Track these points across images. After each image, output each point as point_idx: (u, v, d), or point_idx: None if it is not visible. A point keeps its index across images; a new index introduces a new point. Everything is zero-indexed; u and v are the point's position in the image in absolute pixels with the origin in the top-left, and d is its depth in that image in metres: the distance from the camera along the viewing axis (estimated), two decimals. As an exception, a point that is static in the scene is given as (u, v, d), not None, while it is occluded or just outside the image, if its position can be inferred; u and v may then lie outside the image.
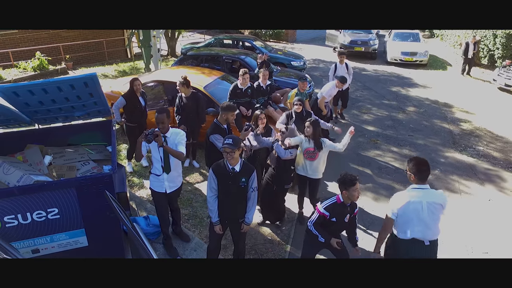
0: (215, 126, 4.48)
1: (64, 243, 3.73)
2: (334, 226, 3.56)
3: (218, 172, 3.53)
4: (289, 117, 5.49)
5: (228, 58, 9.42)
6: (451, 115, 9.62)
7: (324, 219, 3.52)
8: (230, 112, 4.46)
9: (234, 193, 3.55)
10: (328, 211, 3.49)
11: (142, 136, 3.78)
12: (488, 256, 4.68)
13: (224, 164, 3.53)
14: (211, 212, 3.64)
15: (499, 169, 6.90)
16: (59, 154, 4.37)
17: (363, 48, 15.18)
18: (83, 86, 3.76)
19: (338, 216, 3.51)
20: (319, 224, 3.56)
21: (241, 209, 3.67)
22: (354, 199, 3.46)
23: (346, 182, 3.39)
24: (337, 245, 3.52)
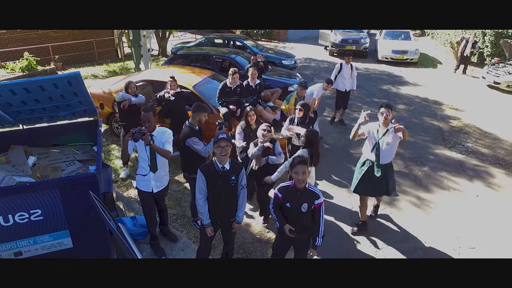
0: (189, 129, 4.28)
1: (48, 245, 3.67)
2: (292, 214, 3.35)
3: (207, 173, 3.43)
4: (292, 122, 5.44)
5: (218, 57, 9.38)
6: (441, 112, 9.68)
7: (279, 202, 3.39)
8: (202, 113, 4.33)
9: (225, 192, 3.50)
10: (281, 193, 3.36)
11: (128, 134, 3.74)
12: (475, 251, 4.71)
13: (213, 164, 3.45)
14: (202, 214, 3.54)
15: (487, 165, 6.96)
16: (43, 154, 4.31)
17: (354, 47, 15.23)
18: (67, 85, 3.71)
19: (292, 202, 3.32)
20: (278, 208, 3.44)
21: (232, 208, 3.62)
22: (296, 183, 3.26)
23: (291, 163, 3.30)
24: (289, 232, 3.32)
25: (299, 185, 3.26)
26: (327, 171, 6.35)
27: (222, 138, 3.38)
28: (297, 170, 3.21)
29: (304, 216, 3.36)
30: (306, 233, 3.44)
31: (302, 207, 3.31)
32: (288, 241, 3.56)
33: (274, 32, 19.69)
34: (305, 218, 3.37)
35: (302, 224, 3.38)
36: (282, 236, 3.47)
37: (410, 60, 14.53)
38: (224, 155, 3.38)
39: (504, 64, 11.99)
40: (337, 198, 5.75)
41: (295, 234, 3.35)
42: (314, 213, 3.36)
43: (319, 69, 13.46)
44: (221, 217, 3.62)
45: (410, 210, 5.53)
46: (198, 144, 4.21)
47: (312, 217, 3.40)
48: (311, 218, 3.40)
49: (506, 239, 4.94)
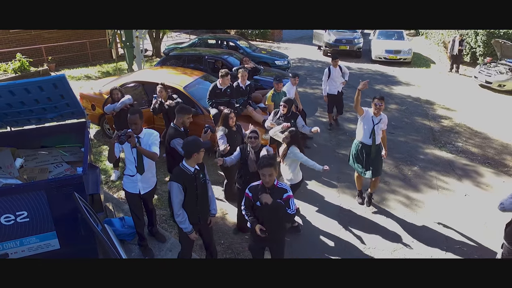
0: (174, 130, 4.33)
1: (35, 246, 3.70)
2: (262, 212, 3.35)
3: (183, 181, 3.43)
4: (276, 115, 5.59)
5: (211, 58, 9.41)
6: (432, 112, 9.75)
7: (250, 202, 3.41)
8: (186, 115, 4.39)
9: (200, 193, 3.55)
10: (251, 192, 3.41)
11: (114, 137, 3.76)
12: (461, 250, 4.76)
13: (183, 169, 3.47)
14: (183, 223, 3.52)
15: (477, 164, 7.02)
16: (31, 156, 4.33)
17: (348, 47, 15.29)
18: (52, 88, 3.73)
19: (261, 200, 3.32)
20: (249, 208, 3.46)
21: (208, 204, 3.71)
22: (264, 183, 3.30)
23: (259, 163, 3.34)
24: (260, 232, 3.34)
25: (266, 185, 3.33)
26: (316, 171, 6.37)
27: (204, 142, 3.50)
28: (264, 172, 3.26)
29: (273, 214, 3.34)
30: (278, 233, 3.46)
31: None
32: (261, 242, 3.56)
33: (268, 32, 19.73)
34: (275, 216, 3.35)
35: (272, 223, 3.39)
36: (255, 237, 3.51)
37: (403, 60, 14.59)
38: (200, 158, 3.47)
39: (496, 63, 12.07)
40: (326, 198, 5.79)
41: (266, 234, 3.37)
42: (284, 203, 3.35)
43: (313, 69, 13.50)
44: (201, 217, 3.66)
45: (399, 210, 5.57)
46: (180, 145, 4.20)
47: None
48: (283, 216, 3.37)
49: (492, 238, 4.99)
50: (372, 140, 5.05)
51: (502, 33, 12.98)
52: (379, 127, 5.03)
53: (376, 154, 5.15)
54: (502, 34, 12.95)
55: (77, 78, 11.82)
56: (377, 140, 5.09)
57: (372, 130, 5.01)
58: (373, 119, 4.99)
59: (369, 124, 5.01)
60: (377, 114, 4.98)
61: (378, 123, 5.02)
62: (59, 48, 13.23)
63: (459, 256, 4.65)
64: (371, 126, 5.00)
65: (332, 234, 4.99)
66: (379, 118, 5.01)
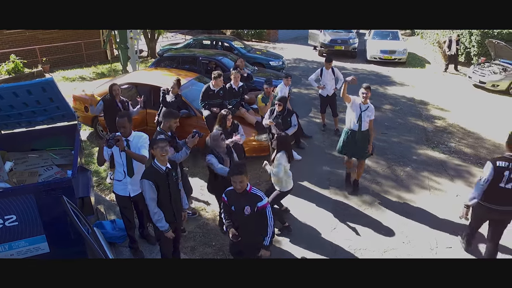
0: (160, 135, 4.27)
1: (24, 250, 3.70)
2: (236, 217, 3.42)
3: (154, 179, 3.45)
4: (272, 113, 5.83)
5: (205, 59, 9.41)
6: (426, 112, 9.78)
7: (226, 205, 3.47)
8: (173, 119, 4.39)
9: (173, 191, 3.61)
10: (226, 196, 3.47)
11: (103, 140, 3.76)
12: (451, 250, 4.79)
13: (155, 168, 3.51)
14: (160, 221, 3.55)
15: (469, 164, 7.05)
16: (21, 160, 4.33)
17: (343, 47, 15.31)
18: (41, 91, 3.73)
19: (236, 205, 3.39)
20: (227, 212, 3.51)
21: (180, 201, 3.78)
22: (236, 189, 3.32)
23: (229, 171, 3.40)
24: (232, 237, 3.43)
25: (238, 192, 3.34)
26: (309, 172, 6.41)
27: (160, 139, 3.51)
28: (235, 180, 3.28)
29: (248, 220, 3.38)
30: (252, 238, 3.46)
31: (245, 210, 3.35)
32: (236, 245, 3.62)
33: (264, 33, 19.73)
34: (249, 221, 3.39)
35: (246, 228, 3.42)
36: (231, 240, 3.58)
37: (398, 60, 14.63)
38: (164, 155, 3.48)
39: (489, 63, 12.13)
40: (318, 198, 5.81)
41: (238, 238, 3.42)
42: (261, 215, 3.38)
43: (308, 70, 13.51)
44: (176, 214, 3.71)
45: (391, 210, 5.59)
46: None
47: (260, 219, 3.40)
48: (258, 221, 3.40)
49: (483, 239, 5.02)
50: (358, 125, 5.49)
51: (496, 33, 13.04)
52: (366, 114, 5.47)
53: (362, 140, 5.57)
54: (496, 34, 13.01)
55: (71, 79, 11.80)
56: (363, 127, 5.50)
57: (359, 116, 5.46)
58: (361, 106, 5.45)
59: (357, 110, 5.47)
60: (364, 102, 5.44)
61: (365, 110, 5.46)
62: (53, 49, 13.19)
63: (449, 256, 4.68)
64: (358, 112, 5.47)
65: (324, 235, 5.01)
66: (366, 106, 5.47)
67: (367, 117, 5.48)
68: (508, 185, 3.90)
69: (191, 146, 4.27)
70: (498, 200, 3.99)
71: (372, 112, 5.54)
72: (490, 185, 3.97)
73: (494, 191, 3.96)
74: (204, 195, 5.65)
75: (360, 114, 5.46)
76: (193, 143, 4.25)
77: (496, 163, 3.94)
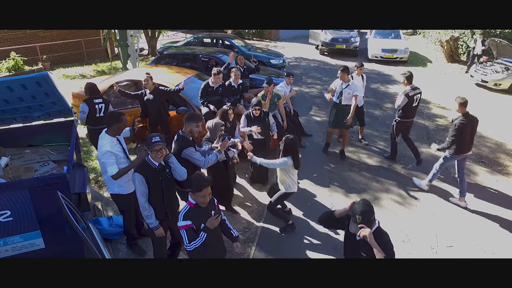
0: (184, 139, 4.02)
1: (19, 246, 3.65)
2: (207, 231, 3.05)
3: (146, 173, 3.40)
4: (249, 118, 5.50)
5: (205, 57, 9.37)
6: (427, 111, 9.71)
7: (193, 231, 3.01)
8: (193, 123, 4.00)
9: (166, 187, 3.56)
10: (189, 220, 3.02)
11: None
12: (452, 249, 4.73)
13: (148, 163, 3.46)
14: (149, 217, 3.49)
15: (471, 163, 6.97)
16: (17, 155, 4.29)
17: (345, 46, 15.25)
18: (36, 86, 3.69)
19: (204, 219, 3.04)
20: (191, 239, 3.01)
21: (175, 198, 3.72)
22: (202, 204, 3.05)
23: (192, 185, 3.03)
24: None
25: (202, 205, 3.09)
26: (309, 170, 6.35)
27: (156, 142, 3.36)
28: (203, 194, 2.99)
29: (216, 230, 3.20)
30: (220, 238, 3.40)
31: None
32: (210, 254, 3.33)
33: (265, 32, 19.68)
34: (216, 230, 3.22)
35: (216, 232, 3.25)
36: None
37: (400, 59, 14.56)
38: (160, 157, 3.42)
39: (492, 62, 12.05)
40: (318, 197, 5.76)
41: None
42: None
43: (309, 68, 13.47)
44: (169, 212, 3.65)
45: (392, 209, 5.54)
46: (195, 154, 4.00)
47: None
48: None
49: (484, 238, 4.97)
50: (339, 100, 6.38)
51: (498, 32, 12.95)
52: (346, 92, 6.28)
53: (342, 112, 6.42)
54: (498, 33, 12.92)
55: (72, 77, 11.78)
56: (343, 101, 6.35)
57: (340, 92, 6.35)
58: (342, 84, 6.32)
59: (339, 88, 6.39)
60: (344, 81, 6.33)
61: (346, 87, 6.28)
62: (54, 47, 13.18)
63: (449, 255, 4.62)
64: (340, 89, 6.36)
65: (323, 233, 4.95)
66: (347, 84, 6.28)
67: (347, 94, 6.26)
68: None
69: (223, 150, 4.14)
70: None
71: (353, 89, 6.25)
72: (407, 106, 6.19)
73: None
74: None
75: (341, 91, 6.31)
76: (225, 146, 4.11)
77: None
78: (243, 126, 5.45)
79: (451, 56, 15.07)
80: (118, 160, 3.73)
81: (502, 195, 5.96)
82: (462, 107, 5.40)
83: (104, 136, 3.80)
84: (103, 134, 3.83)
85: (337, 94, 6.40)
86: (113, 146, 3.75)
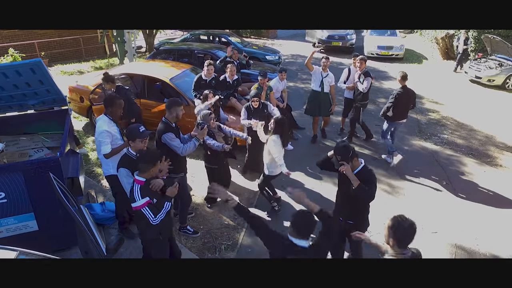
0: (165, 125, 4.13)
1: (13, 227, 3.78)
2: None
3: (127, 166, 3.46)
4: (249, 110, 5.63)
5: (200, 52, 9.48)
6: (420, 105, 9.82)
7: (154, 206, 3.13)
8: (178, 107, 4.14)
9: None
10: (146, 196, 3.11)
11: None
12: (436, 235, 4.85)
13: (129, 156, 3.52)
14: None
15: (460, 155, 7.10)
16: (12, 142, 4.41)
17: (341, 43, 15.37)
18: (30, 73, 3.81)
19: (156, 193, 3.20)
20: (156, 213, 3.13)
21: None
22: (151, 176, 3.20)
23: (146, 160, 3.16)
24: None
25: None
26: (301, 162, 6.46)
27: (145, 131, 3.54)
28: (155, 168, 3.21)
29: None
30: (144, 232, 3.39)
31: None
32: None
33: (263, 30, 19.79)
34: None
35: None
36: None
37: (395, 56, 14.69)
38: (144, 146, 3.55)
39: (486, 59, 12.17)
40: (307, 185, 5.88)
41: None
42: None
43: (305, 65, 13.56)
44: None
45: (380, 197, 5.60)
46: (174, 140, 4.07)
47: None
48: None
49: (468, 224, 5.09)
50: (321, 88, 6.76)
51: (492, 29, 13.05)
52: (326, 81, 6.74)
53: (324, 100, 6.89)
54: (492, 30, 13.01)
55: (69, 73, 11.90)
56: (325, 89, 6.77)
57: (321, 82, 6.72)
58: (322, 74, 6.71)
59: (319, 77, 6.74)
60: (324, 70, 6.71)
61: (326, 77, 6.73)
62: (52, 43, 13.29)
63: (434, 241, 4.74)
64: (320, 79, 6.73)
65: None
66: (326, 73, 6.73)
67: (328, 83, 6.75)
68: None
69: (202, 138, 4.25)
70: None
71: (332, 79, 6.80)
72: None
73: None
74: (195, 182, 5.72)
75: (322, 80, 6.71)
76: (203, 135, 4.21)
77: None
78: (244, 119, 5.58)
79: (447, 53, 15.20)
80: (114, 141, 3.90)
81: (487, 184, 6.08)
82: (402, 80, 6.18)
83: (101, 118, 4.02)
84: (100, 116, 4.05)
85: (318, 83, 6.76)
86: (110, 126, 3.94)
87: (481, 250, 4.64)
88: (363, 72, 6.77)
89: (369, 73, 6.80)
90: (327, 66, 6.68)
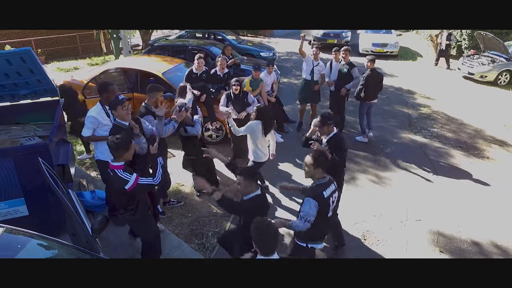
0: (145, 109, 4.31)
1: (4, 212, 3.88)
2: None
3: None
4: (229, 97, 5.75)
5: (194, 48, 9.59)
6: (412, 100, 9.94)
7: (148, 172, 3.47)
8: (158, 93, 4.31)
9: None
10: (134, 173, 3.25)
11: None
12: (420, 223, 4.95)
13: (119, 126, 3.68)
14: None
15: (449, 147, 7.21)
16: (4, 131, 4.51)
17: (336, 40, 15.47)
18: (20, 62, 3.91)
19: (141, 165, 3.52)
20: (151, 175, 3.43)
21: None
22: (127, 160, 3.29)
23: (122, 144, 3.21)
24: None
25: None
26: (291, 155, 6.56)
27: (123, 98, 3.66)
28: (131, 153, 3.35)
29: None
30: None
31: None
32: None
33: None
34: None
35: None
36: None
37: (390, 53, 14.80)
38: (128, 114, 3.66)
39: (479, 56, 12.28)
40: (294, 176, 5.96)
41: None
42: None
43: (300, 62, 13.51)
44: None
45: (367, 188, 5.76)
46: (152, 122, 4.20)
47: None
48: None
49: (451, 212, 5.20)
50: (311, 77, 7.01)
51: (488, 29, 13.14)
52: (317, 69, 7.02)
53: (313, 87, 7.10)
54: (485, 27, 13.12)
55: (66, 69, 12.01)
56: (315, 78, 7.06)
57: (312, 70, 6.98)
58: (313, 62, 7.00)
59: (310, 65, 7.01)
60: (315, 59, 7.02)
61: (316, 65, 7.01)
62: (49, 41, 13.41)
63: (417, 228, 4.85)
64: (311, 67, 6.99)
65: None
66: (317, 62, 7.03)
67: (318, 71, 7.03)
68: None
69: (180, 120, 4.38)
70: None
71: (322, 68, 7.10)
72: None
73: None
74: (186, 173, 5.82)
75: (312, 69, 6.97)
76: (181, 117, 4.34)
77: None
78: (222, 105, 5.68)
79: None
80: (101, 127, 4.05)
81: (473, 175, 6.19)
82: (371, 63, 6.84)
83: (96, 105, 4.19)
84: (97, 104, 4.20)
85: (309, 71, 7.01)
86: (100, 114, 4.08)
87: (462, 236, 4.75)
88: (347, 63, 6.91)
89: (353, 64, 6.98)
90: (317, 55, 7.01)
